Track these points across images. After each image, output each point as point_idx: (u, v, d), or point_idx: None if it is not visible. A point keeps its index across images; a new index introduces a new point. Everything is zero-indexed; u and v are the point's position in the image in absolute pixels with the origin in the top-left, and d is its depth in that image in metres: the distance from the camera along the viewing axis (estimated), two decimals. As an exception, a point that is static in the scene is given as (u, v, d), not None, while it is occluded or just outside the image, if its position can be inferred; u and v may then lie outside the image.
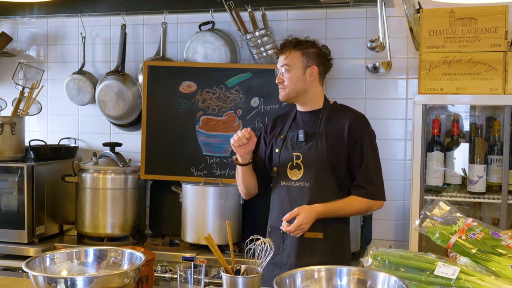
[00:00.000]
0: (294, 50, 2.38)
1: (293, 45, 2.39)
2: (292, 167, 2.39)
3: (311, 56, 2.39)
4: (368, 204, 2.36)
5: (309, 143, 2.38)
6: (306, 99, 2.43)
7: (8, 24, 3.94)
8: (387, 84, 3.32)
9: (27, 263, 1.70)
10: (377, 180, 2.38)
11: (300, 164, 2.37)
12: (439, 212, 1.87)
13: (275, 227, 2.43)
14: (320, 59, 2.42)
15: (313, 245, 2.34)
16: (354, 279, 1.61)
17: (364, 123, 2.40)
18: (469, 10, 2.79)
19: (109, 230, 3.36)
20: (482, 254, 1.71)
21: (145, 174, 3.41)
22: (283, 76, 2.39)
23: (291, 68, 2.37)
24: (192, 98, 3.36)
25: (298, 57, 2.38)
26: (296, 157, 2.39)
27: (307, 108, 2.45)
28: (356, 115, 2.42)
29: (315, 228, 2.31)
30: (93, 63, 3.78)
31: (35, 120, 3.86)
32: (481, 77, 2.77)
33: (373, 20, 3.23)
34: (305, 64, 2.38)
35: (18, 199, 3.30)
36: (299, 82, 2.38)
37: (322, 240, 2.35)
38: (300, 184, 2.37)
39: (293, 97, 2.41)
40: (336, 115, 2.41)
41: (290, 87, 2.38)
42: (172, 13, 3.58)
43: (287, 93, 2.39)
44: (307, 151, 2.37)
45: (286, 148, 2.43)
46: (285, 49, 2.40)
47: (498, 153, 2.90)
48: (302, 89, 2.39)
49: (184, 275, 1.79)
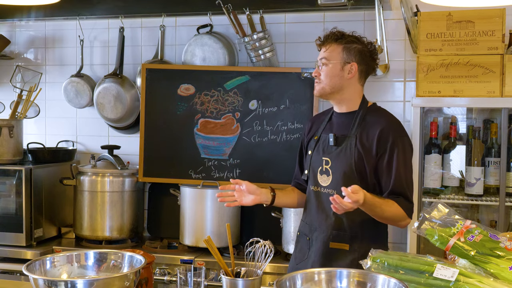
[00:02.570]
0: (335, 43, 2.22)
1: (335, 37, 2.23)
2: (322, 172, 2.25)
3: (352, 52, 2.22)
4: (401, 215, 2.13)
5: (338, 148, 2.22)
6: (342, 97, 2.26)
7: (6, 27, 3.94)
8: (385, 86, 3.33)
9: (28, 266, 1.70)
10: (409, 195, 2.18)
11: (328, 169, 2.23)
12: (438, 215, 1.87)
13: (302, 232, 2.33)
14: (363, 57, 2.24)
15: (338, 256, 2.21)
16: (354, 282, 1.62)
17: (397, 131, 2.20)
18: (466, 13, 2.80)
19: (107, 233, 3.36)
20: (481, 256, 1.71)
21: (143, 177, 3.42)
22: (320, 69, 2.24)
23: (329, 62, 2.21)
24: (190, 100, 3.36)
25: (338, 51, 2.21)
26: (325, 162, 2.25)
27: (343, 108, 2.29)
28: (390, 122, 2.23)
29: (340, 238, 2.20)
30: (91, 66, 3.78)
31: (33, 123, 3.86)
32: (478, 80, 2.79)
33: (371, 23, 3.25)
34: (345, 59, 2.21)
35: (16, 202, 3.30)
36: (335, 78, 2.21)
37: (348, 252, 2.20)
38: (328, 191, 2.23)
39: (328, 93, 2.24)
40: (370, 119, 2.23)
41: (326, 81, 2.22)
42: (170, 16, 3.58)
43: (321, 87, 2.23)
44: (335, 157, 2.22)
45: (317, 151, 2.29)
46: (326, 41, 2.24)
47: (495, 155, 2.91)
48: (337, 86, 2.22)
49: (184, 278, 1.79)
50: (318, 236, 2.26)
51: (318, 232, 2.26)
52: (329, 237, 2.21)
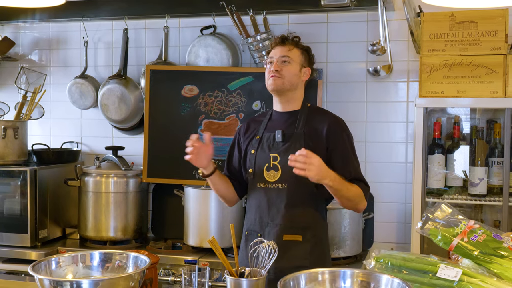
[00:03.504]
0: (295, 47, 2.39)
1: (295, 42, 2.41)
2: (269, 168, 2.34)
3: (307, 59, 2.43)
4: (361, 196, 2.29)
5: (286, 144, 2.33)
6: (292, 96, 2.39)
7: (11, 28, 3.96)
8: (388, 87, 3.34)
9: (33, 266, 1.72)
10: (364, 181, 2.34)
11: (277, 165, 2.32)
12: (441, 215, 1.88)
13: (252, 230, 2.39)
14: (311, 66, 2.45)
15: (291, 248, 2.29)
16: (358, 281, 1.63)
17: (343, 127, 2.38)
18: (469, 13, 2.80)
19: (111, 233, 3.37)
20: (484, 256, 1.72)
21: (148, 178, 3.43)
22: (282, 65, 2.35)
23: (292, 61, 2.36)
24: (194, 101, 3.37)
25: (298, 54, 2.39)
26: (273, 158, 2.34)
27: (287, 107, 2.41)
28: (335, 119, 2.40)
29: (293, 230, 2.29)
30: (95, 67, 3.80)
31: (37, 124, 3.88)
32: (481, 80, 2.79)
33: (374, 24, 3.25)
34: (303, 63, 2.40)
35: (21, 203, 3.32)
36: (295, 77, 2.36)
37: (301, 243, 2.30)
38: (278, 185, 2.32)
39: (286, 89, 2.36)
40: (314, 117, 2.39)
41: (288, 78, 2.34)
42: (174, 17, 3.60)
43: (282, 82, 2.33)
44: (284, 152, 2.31)
45: (262, 149, 2.38)
46: (287, 42, 2.39)
47: (499, 155, 2.91)
48: (295, 85, 2.37)
49: (188, 278, 1.80)
50: (270, 230, 2.32)
51: (270, 227, 2.32)
52: (282, 230, 2.30)
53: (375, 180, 3.32)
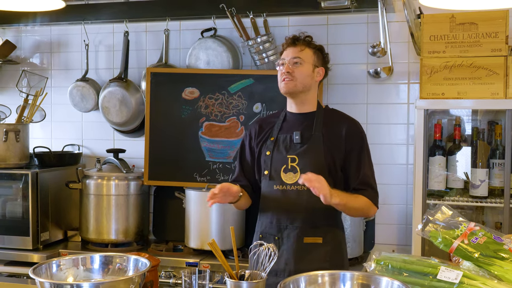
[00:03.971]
0: (307, 47, 2.35)
1: (307, 42, 2.36)
2: (287, 170, 2.30)
3: (320, 58, 2.38)
4: (368, 205, 2.29)
5: (305, 146, 2.30)
6: (306, 98, 2.36)
7: (12, 32, 3.97)
8: (389, 89, 3.34)
9: (34, 269, 1.72)
10: (374, 185, 2.35)
11: (295, 167, 2.29)
12: (442, 217, 1.88)
13: (268, 233, 2.34)
14: (325, 65, 2.41)
15: (312, 250, 2.27)
16: (358, 284, 1.63)
17: (361, 129, 2.38)
18: (469, 15, 2.80)
19: (113, 236, 3.38)
20: (485, 258, 1.72)
21: (149, 180, 3.43)
22: (292, 67, 2.31)
23: (304, 62, 2.31)
24: (195, 104, 3.38)
25: (310, 54, 2.34)
26: (292, 160, 2.30)
27: (302, 109, 2.38)
28: (353, 121, 2.39)
29: (314, 232, 2.27)
30: (96, 70, 3.81)
31: (39, 127, 3.88)
32: (482, 82, 2.79)
33: (374, 26, 3.25)
34: (315, 63, 2.35)
35: (23, 205, 3.32)
36: (308, 78, 2.32)
37: (321, 245, 2.28)
38: (297, 187, 2.28)
39: (298, 91, 2.32)
40: (332, 119, 2.37)
41: (300, 79, 2.30)
42: (175, 20, 3.60)
43: (295, 85, 2.30)
44: (303, 154, 2.29)
45: (278, 151, 2.34)
46: (298, 43, 2.34)
47: (500, 157, 2.91)
48: (308, 86, 2.33)
49: (188, 281, 1.80)
50: (289, 233, 2.30)
51: (289, 230, 2.29)
52: (303, 233, 2.28)
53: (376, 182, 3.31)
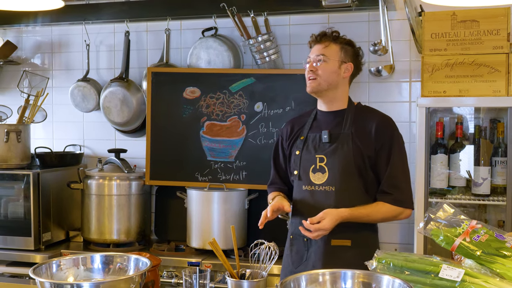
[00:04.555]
0: (333, 43, 2.27)
1: (333, 37, 2.28)
2: (315, 170, 2.25)
3: (348, 53, 2.29)
4: (396, 211, 2.22)
5: (333, 145, 2.23)
6: (334, 96, 2.29)
7: (13, 32, 3.97)
8: (390, 87, 3.33)
9: (34, 269, 1.72)
10: (405, 186, 2.25)
11: (324, 167, 2.23)
12: (443, 215, 1.87)
13: (298, 234, 2.27)
14: (355, 59, 2.32)
15: (340, 253, 2.21)
16: (359, 282, 1.62)
17: (392, 126, 2.29)
18: (471, 12, 2.79)
19: (115, 236, 3.37)
20: (487, 256, 1.71)
21: (150, 180, 3.43)
22: (317, 65, 2.25)
23: (328, 59, 2.24)
24: (196, 103, 3.37)
25: (336, 50, 2.27)
26: (320, 160, 2.24)
27: (332, 107, 2.32)
28: (384, 117, 2.31)
29: (343, 235, 2.19)
30: (97, 70, 3.81)
31: (40, 128, 3.88)
32: (484, 79, 2.78)
33: (375, 24, 3.25)
34: (342, 59, 2.27)
35: (25, 206, 3.32)
36: (333, 75, 2.25)
37: (350, 248, 2.22)
38: (325, 188, 2.23)
39: (323, 89, 2.26)
40: (362, 116, 2.29)
41: (324, 77, 2.24)
42: (175, 19, 3.60)
43: (318, 83, 2.24)
44: (331, 153, 2.23)
45: (307, 150, 2.28)
46: (323, 39, 2.28)
47: (502, 155, 2.89)
48: (334, 83, 2.26)
49: (189, 280, 1.80)
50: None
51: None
52: (330, 235, 2.19)
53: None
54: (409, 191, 2.27)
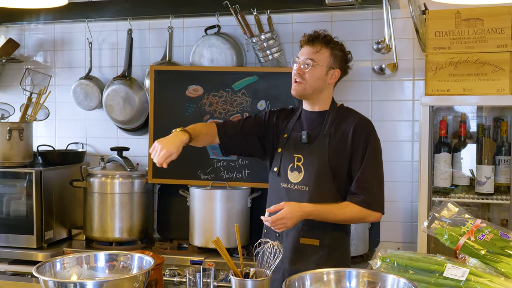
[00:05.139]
0: (325, 47, 2.27)
1: (326, 41, 2.28)
2: (293, 169, 2.30)
3: (338, 59, 2.30)
4: (362, 213, 2.21)
5: (311, 146, 2.28)
6: (318, 99, 2.32)
7: (15, 30, 3.97)
8: (394, 85, 3.32)
9: (38, 268, 1.72)
10: (375, 189, 2.25)
11: (300, 166, 2.28)
12: (448, 214, 1.87)
13: (271, 229, 2.28)
14: (343, 65, 2.34)
15: (308, 252, 2.24)
16: (364, 282, 1.61)
17: (369, 128, 2.29)
18: (475, 10, 2.78)
19: (117, 234, 3.37)
20: (491, 255, 1.70)
21: (153, 178, 3.42)
22: (305, 68, 2.26)
23: (317, 64, 2.25)
24: (199, 102, 3.37)
25: (326, 56, 2.27)
26: (297, 159, 2.29)
27: (314, 108, 2.35)
28: (362, 119, 2.31)
29: (311, 234, 2.23)
30: (100, 68, 3.80)
31: (42, 126, 3.88)
32: (488, 78, 2.77)
33: (379, 22, 3.23)
34: (331, 65, 2.28)
35: (27, 204, 3.32)
36: (320, 81, 2.27)
37: (318, 248, 2.25)
38: (299, 187, 2.27)
39: (308, 94, 2.29)
40: (342, 118, 2.32)
41: (310, 83, 2.26)
42: (178, 17, 3.59)
43: (303, 88, 2.26)
44: (308, 154, 2.27)
45: (288, 149, 2.33)
46: (316, 42, 2.27)
47: (506, 153, 2.89)
48: (319, 88, 2.28)
49: (193, 279, 1.79)
50: (288, 232, 2.28)
51: (289, 229, 2.23)
52: (300, 233, 2.25)
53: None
54: (380, 195, 2.27)
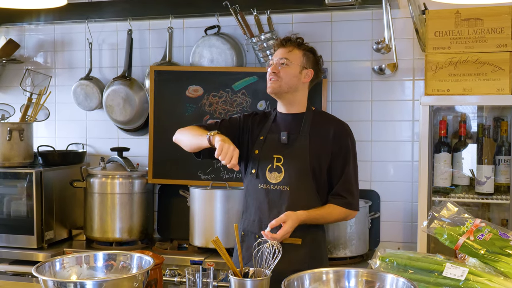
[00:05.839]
0: (297, 48, 2.36)
1: (297, 43, 2.38)
2: (272, 169, 2.33)
3: (310, 60, 2.39)
4: (345, 213, 2.33)
5: (291, 146, 2.32)
6: (294, 99, 2.37)
7: (16, 31, 3.97)
8: (394, 85, 3.32)
9: (37, 268, 1.72)
10: (356, 190, 2.36)
11: (280, 167, 2.31)
12: (447, 213, 1.86)
13: (250, 231, 2.37)
14: (315, 66, 2.41)
15: (291, 251, 2.25)
16: (363, 281, 1.61)
17: (349, 133, 2.38)
18: (474, 10, 2.78)
19: (117, 234, 3.37)
20: (491, 254, 1.70)
21: (153, 179, 3.42)
22: (279, 66, 2.34)
23: (290, 63, 2.33)
24: (199, 102, 3.37)
25: (299, 56, 2.36)
26: (277, 160, 2.33)
27: (290, 110, 2.40)
28: (341, 123, 2.40)
29: (294, 233, 2.22)
30: (100, 68, 3.80)
31: (43, 126, 3.88)
32: (487, 78, 2.77)
33: (378, 22, 3.24)
34: (304, 64, 2.36)
35: (27, 204, 3.32)
36: (294, 79, 2.33)
37: (300, 247, 2.28)
38: (280, 187, 2.31)
39: (284, 91, 2.34)
40: (320, 120, 2.38)
41: (285, 80, 2.32)
42: (178, 18, 3.59)
43: (279, 85, 2.32)
44: (288, 155, 2.32)
45: (265, 150, 2.36)
46: (288, 43, 2.37)
47: (506, 153, 2.89)
48: (294, 87, 2.34)
49: (192, 279, 1.79)
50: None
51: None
52: None
53: (381, 179, 3.31)
54: (358, 195, 2.39)
